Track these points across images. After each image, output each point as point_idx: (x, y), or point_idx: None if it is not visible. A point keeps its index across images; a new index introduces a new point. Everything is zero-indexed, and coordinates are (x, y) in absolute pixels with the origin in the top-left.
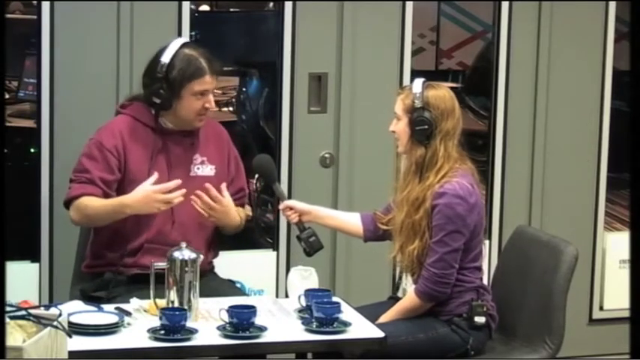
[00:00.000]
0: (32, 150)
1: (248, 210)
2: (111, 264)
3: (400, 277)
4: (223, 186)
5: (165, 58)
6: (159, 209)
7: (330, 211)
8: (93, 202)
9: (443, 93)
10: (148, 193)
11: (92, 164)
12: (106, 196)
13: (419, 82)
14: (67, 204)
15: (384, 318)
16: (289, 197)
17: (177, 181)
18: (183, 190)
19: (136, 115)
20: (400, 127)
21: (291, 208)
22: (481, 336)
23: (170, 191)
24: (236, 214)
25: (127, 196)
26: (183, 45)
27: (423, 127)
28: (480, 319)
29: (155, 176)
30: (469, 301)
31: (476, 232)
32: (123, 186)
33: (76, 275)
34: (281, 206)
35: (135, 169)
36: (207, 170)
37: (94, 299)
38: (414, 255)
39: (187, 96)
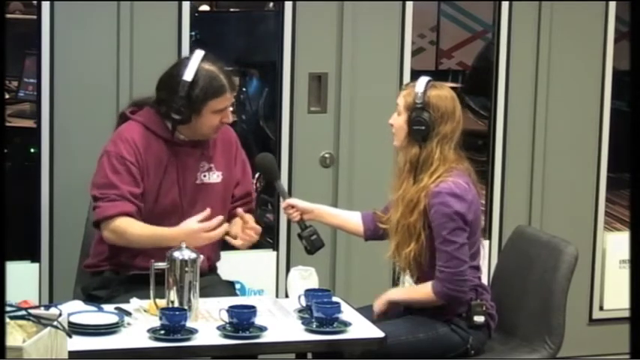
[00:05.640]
0: (32, 150)
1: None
2: (112, 264)
3: (399, 278)
4: (245, 215)
5: (188, 77)
6: (205, 242)
7: (332, 209)
8: (134, 228)
9: (445, 95)
10: (195, 230)
11: (118, 178)
12: (139, 210)
13: (423, 81)
14: (99, 223)
15: (394, 294)
16: (290, 197)
17: (220, 218)
18: (226, 225)
19: (148, 123)
20: (399, 122)
21: (292, 207)
22: (481, 335)
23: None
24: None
25: (171, 230)
26: (202, 60)
27: (420, 127)
28: (479, 319)
29: (205, 213)
30: (468, 301)
31: (473, 231)
32: None
33: (80, 274)
34: (283, 204)
35: (148, 181)
36: (214, 177)
37: (93, 298)
38: (410, 257)
39: (207, 113)
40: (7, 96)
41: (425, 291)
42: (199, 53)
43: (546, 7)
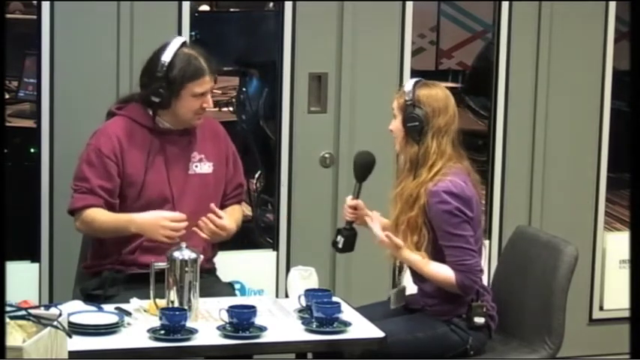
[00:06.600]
0: (32, 150)
1: (244, 210)
2: (110, 262)
3: (398, 279)
4: (215, 208)
5: (166, 58)
6: (162, 237)
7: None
8: (99, 216)
9: (435, 91)
10: (158, 218)
11: (91, 172)
12: (108, 204)
13: (411, 81)
14: (71, 213)
15: (409, 255)
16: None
17: (182, 216)
18: (186, 224)
19: (133, 116)
20: (396, 124)
21: (355, 208)
22: (481, 336)
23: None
24: (234, 226)
25: (137, 214)
26: (182, 45)
27: (414, 123)
28: (479, 320)
29: (180, 215)
30: (468, 302)
31: (474, 229)
32: (122, 189)
33: (79, 274)
34: (350, 202)
35: (132, 172)
36: (206, 168)
37: (92, 298)
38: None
39: (186, 96)
40: (7, 96)
41: (443, 272)
42: (179, 38)
43: (546, 7)
